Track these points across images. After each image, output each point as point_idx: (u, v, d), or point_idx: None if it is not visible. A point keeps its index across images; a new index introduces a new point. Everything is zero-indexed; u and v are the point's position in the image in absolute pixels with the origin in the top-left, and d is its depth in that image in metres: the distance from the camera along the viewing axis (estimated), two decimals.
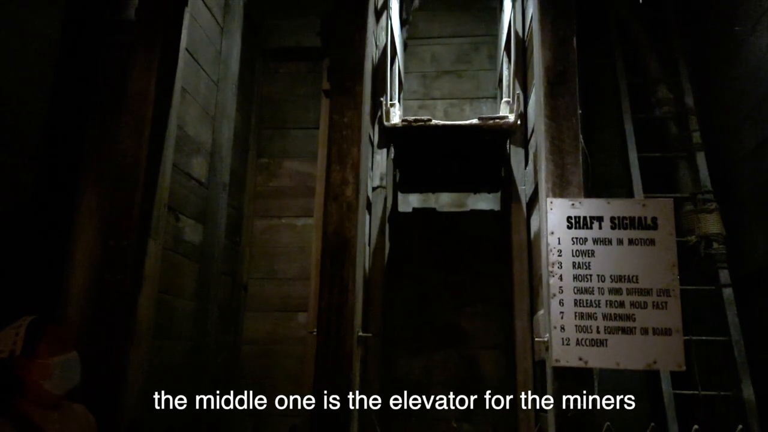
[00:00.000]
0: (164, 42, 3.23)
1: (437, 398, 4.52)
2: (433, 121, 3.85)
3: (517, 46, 4.08)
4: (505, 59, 4.51)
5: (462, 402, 4.44)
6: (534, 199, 3.54)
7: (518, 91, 3.84)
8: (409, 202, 5.31)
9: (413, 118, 3.88)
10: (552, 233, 2.69)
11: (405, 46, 5.52)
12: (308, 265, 4.64)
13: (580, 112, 2.84)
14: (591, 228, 2.67)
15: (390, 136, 4.09)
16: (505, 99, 4.15)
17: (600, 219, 2.68)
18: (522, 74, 4.00)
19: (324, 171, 3.04)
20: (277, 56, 5.51)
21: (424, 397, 4.56)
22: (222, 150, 4.45)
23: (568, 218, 2.69)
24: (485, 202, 5.28)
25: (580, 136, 2.82)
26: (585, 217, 2.68)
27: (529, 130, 3.88)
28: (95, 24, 3.29)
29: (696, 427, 2.45)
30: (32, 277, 2.85)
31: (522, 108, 3.81)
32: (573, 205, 2.70)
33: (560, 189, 2.74)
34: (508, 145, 4.17)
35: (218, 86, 4.50)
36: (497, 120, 3.76)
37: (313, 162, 4.96)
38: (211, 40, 4.38)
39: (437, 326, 4.63)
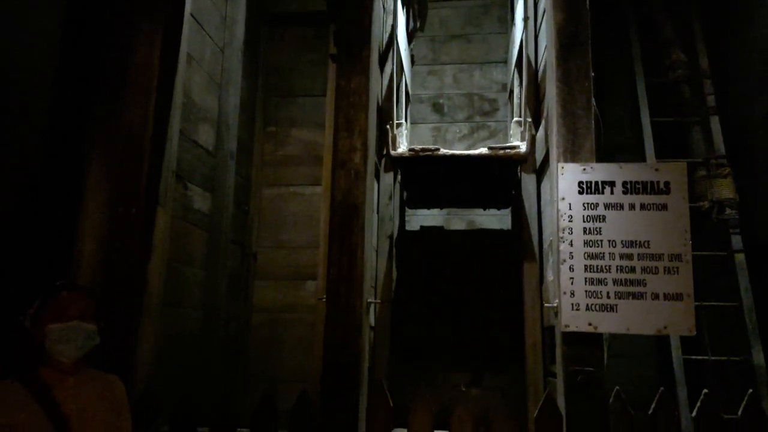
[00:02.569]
0: (169, 8, 3.18)
1: (446, 364, 4.55)
2: (441, 151, 3.72)
3: (529, 73, 3.90)
4: (516, 76, 4.36)
5: (471, 368, 4.47)
6: (544, 164, 3.49)
7: (529, 118, 3.70)
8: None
9: (420, 147, 3.76)
10: (563, 199, 2.65)
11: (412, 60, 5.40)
12: (317, 234, 4.64)
13: (592, 75, 2.78)
14: (602, 193, 2.64)
15: (397, 162, 4.00)
16: (515, 119, 4.01)
17: (612, 184, 2.64)
18: (534, 102, 3.85)
19: (331, 139, 3.01)
20: (282, 21, 5.42)
21: (433, 363, 4.61)
22: (229, 118, 4.42)
23: (580, 183, 2.65)
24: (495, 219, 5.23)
25: (593, 99, 2.76)
26: (596, 182, 2.64)
27: (541, 93, 3.81)
28: None
29: (705, 391, 2.44)
30: (42, 248, 2.86)
31: (533, 132, 3.71)
32: (584, 170, 2.66)
33: (572, 154, 2.70)
34: (519, 171, 4.05)
35: (224, 53, 4.44)
36: (508, 150, 3.63)
37: (320, 130, 4.92)
38: (215, 5, 4.31)
39: (447, 296, 4.63)
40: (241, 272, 4.83)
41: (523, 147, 3.63)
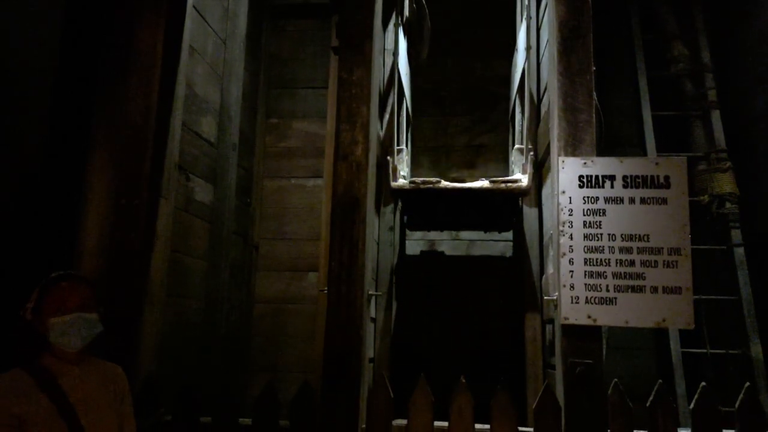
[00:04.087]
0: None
1: (447, 356, 4.59)
2: (442, 183, 3.70)
3: (531, 105, 3.86)
4: (518, 101, 4.32)
5: (471, 359, 4.51)
6: (546, 158, 3.50)
7: (530, 151, 3.67)
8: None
9: (421, 180, 3.73)
10: (563, 192, 2.67)
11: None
12: (318, 226, 4.67)
13: (594, 68, 2.79)
14: (603, 187, 2.65)
15: (397, 193, 3.98)
16: (517, 146, 4.00)
17: (612, 178, 2.65)
18: (534, 136, 3.83)
19: (333, 131, 3.02)
20: (284, 13, 5.41)
21: (434, 355, 4.64)
22: (231, 109, 4.42)
23: (580, 177, 2.67)
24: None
25: (594, 93, 2.77)
26: (597, 176, 2.65)
27: (542, 88, 3.82)
28: None
29: (703, 384, 2.47)
30: (45, 242, 2.88)
31: (535, 159, 3.68)
32: (585, 163, 2.67)
33: (572, 148, 2.71)
34: (520, 201, 4.04)
35: (226, 44, 4.44)
36: (509, 184, 3.62)
37: (322, 122, 4.93)
38: None
39: (449, 286, 4.67)
40: (244, 263, 4.85)
41: (524, 181, 3.60)
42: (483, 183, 3.71)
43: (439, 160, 5.48)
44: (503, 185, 3.63)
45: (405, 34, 4.54)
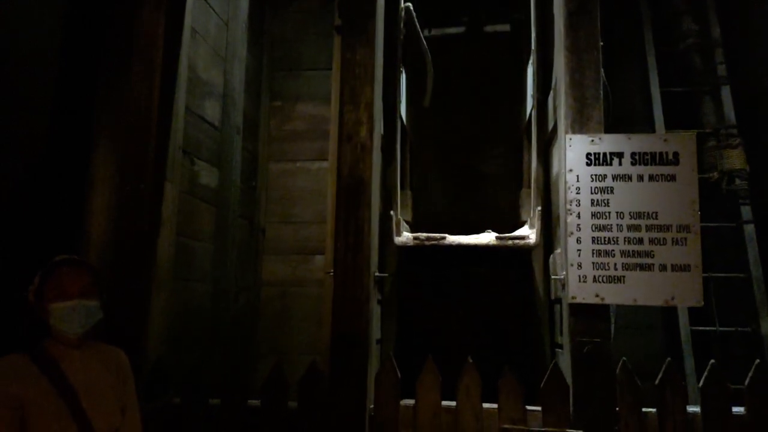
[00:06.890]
0: None
1: (454, 337, 4.59)
2: (448, 240, 3.61)
3: (539, 156, 3.72)
4: (525, 141, 4.21)
5: (479, 339, 4.51)
6: (553, 136, 3.46)
7: (538, 206, 3.56)
8: None
9: (425, 236, 3.65)
10: (570, 171, 2.64)
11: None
12: (324, 209, 4.65)
13: (601, 44, 2.74)
14: (611, 164, 2.62)
15: (401, 248, 3.91)
16: (525, 189, 3.95)
17: (620, 155, 2.62)
18: (540, 184, 3.72)
19: (337, 113, 2.99)
20: None
21: (440, 336, 4.65)
22: (234, 92, 4.39)
23: (588, 155, 2.64)
24: None
25: (602, 69, 2.73)
26: (605, 154, 2.63)
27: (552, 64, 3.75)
28: None
29: (712, 362, 2.46)
30: (52, 225, 2.89)
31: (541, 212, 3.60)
32: (592, 141, 2.64)
33: (580, 125, 2.68)
34: (530, 255, 3.95)
35: (228, 26, 4.40)
36: (517, 241, 3.54)
37: (326, 104, 4.88)
38: None
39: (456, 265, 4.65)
40: (250, 246, 4.85)
41: (532, 238, 3.52)
42: (490, 238, 3.65)
43: (443, 145, 5.42)
44: (510, 242, 3.56)
45: (406, 77, 4.47)
